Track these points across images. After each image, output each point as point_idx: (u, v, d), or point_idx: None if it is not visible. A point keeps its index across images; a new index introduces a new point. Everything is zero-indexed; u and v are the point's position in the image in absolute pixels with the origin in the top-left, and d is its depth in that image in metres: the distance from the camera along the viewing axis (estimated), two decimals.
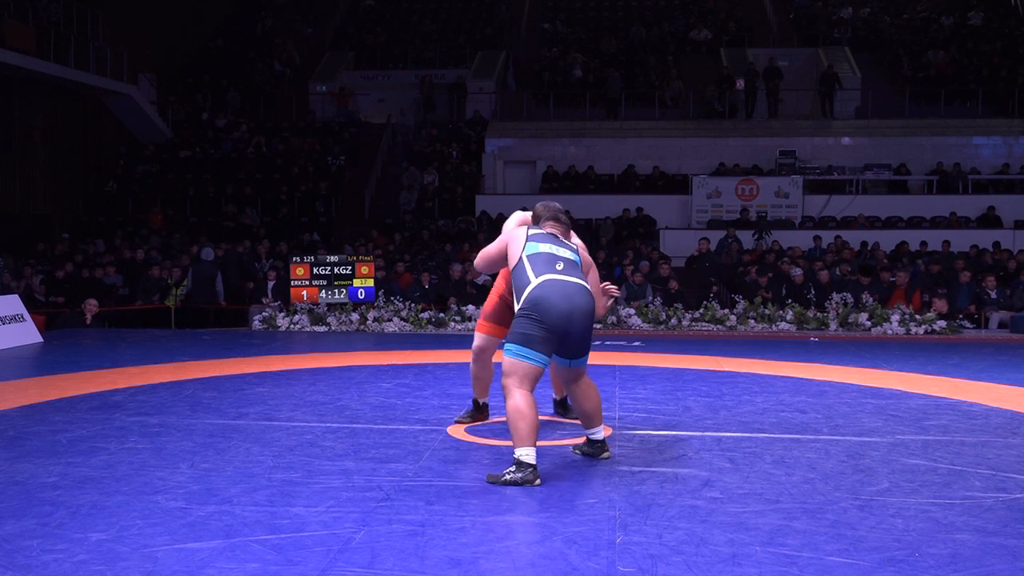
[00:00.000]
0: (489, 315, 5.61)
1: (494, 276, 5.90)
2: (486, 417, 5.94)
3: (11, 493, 4.24)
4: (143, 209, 19.74)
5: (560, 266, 4.67)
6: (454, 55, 25.26)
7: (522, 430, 4.41)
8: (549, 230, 4.91)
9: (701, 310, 12.56)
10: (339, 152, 21.50)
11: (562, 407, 6.01)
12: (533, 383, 4.54)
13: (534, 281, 4.59)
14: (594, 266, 5.06)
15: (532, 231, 4.88)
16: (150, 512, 3.94)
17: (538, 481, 4.36)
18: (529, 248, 4.76)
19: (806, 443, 5.36)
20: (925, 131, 21.21)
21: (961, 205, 19.25)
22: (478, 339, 5.61)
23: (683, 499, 4.16)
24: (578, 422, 5.80)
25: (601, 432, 4.95)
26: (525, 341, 4.51)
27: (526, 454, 4.38)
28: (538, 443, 5.00)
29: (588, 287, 4.69)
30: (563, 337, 4.57)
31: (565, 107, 22.84)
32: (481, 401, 5.88)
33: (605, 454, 4.93)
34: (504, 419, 5.97)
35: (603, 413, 5.03)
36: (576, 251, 4.86)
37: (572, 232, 5.13)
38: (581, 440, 5.16)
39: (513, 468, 4.38)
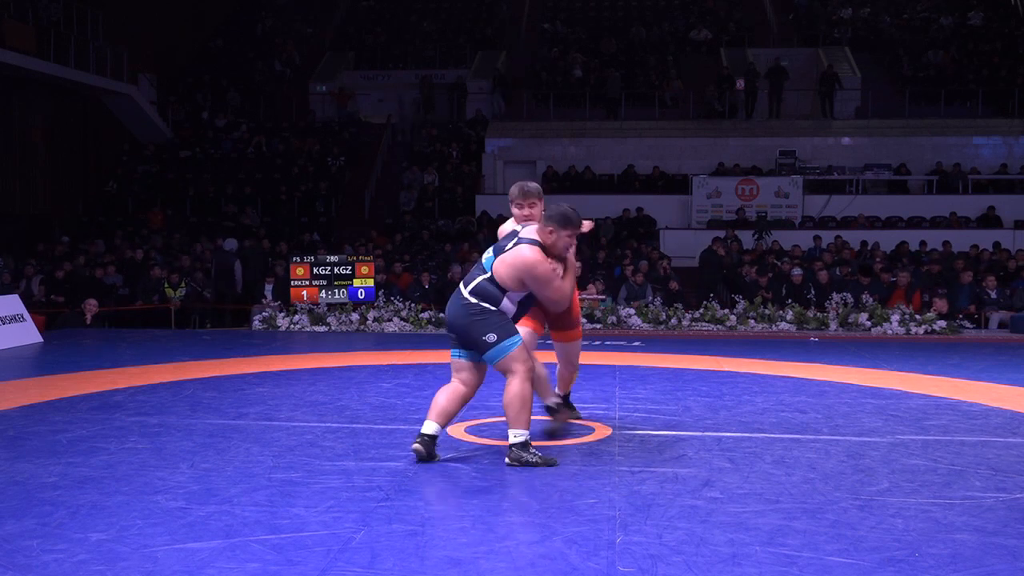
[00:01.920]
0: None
1: None
2: (574, 414, 5.87)
3: (11, 493, 4.24)
4: (143, 209, 19.74)
5: (472, 272, 4.98)
6: (454, 55, 25.26)
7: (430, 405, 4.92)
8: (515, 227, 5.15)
9: (701, 310, 12.56)
10: (339, 152, 21.50)
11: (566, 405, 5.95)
12: (455, 372, 4.96)
13: None
14: (530, 272, 4.77)
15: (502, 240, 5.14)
16: (150, 512, 3.94)
17: (416, 444, 4.77)
18: None
19: (806, 443, 5.36)
20: (925, 131, 21.21)
21: (961, 205, 19.25)
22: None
23: (683, 499, 4.16)
24: (575, 422, 5.82)
25: (512, 435, 4.75)
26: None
27: (424, 425, 4.84)
28: (541, 443, 5.07)
29: (460, 288, 4.91)
30: (457, 336, 4.90)
31: (565, 107, 22.83)
32: (562, 393, 5.85)
33: (506, 459, 4.75)
34: (504, 419, 6.00)
35: (601, 412, 5.00)
36: (502, 248, 4.89)
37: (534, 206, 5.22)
38: (570, 442, 5.29)
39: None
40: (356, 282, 12.85)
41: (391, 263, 14.99)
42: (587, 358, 7.82)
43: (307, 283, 12.80)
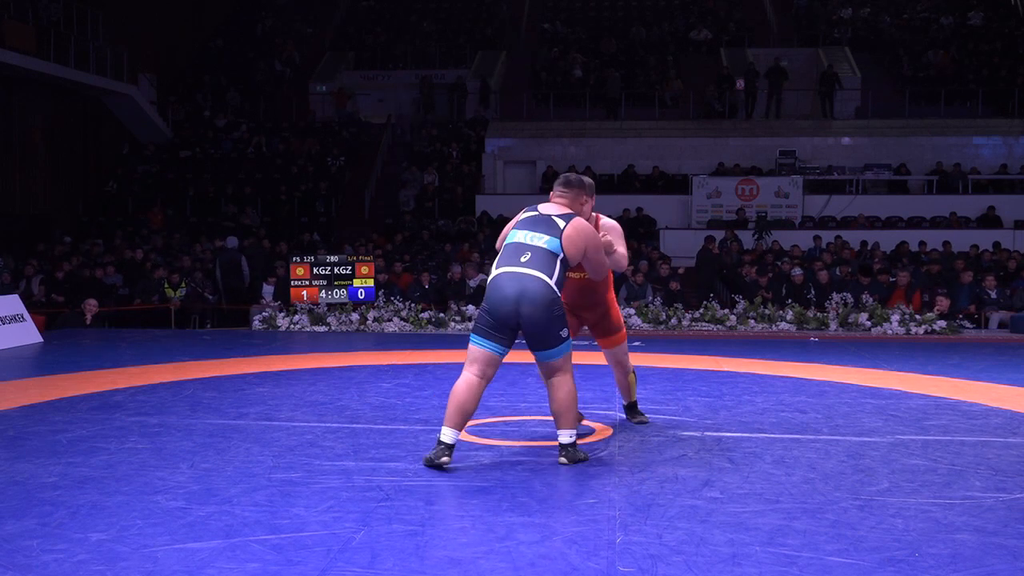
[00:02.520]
0: None
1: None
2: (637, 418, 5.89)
3: (11, 493, 4.23)
4: (143, 209, 19.74)
5: (525, 257, 4.68)
6: (454, 55, 25.26)
7: (448, 408, 4.64)
8: (550, 203, 4.99)
9: (701, 310, 12.56)
10: (339, 152, 21.50)
11: (629, 412, 5.98)
12: (481, 367, 4.67)
13: (492, 273, 4.77)
14: (593, 240, 4.83)
15: (525, 215, 4.93)
16: (150, 512, 3.94)
17: (445, 459, 4.57)
18: (509, 237, 4.87)
19: (806, 443, 5.36)
20: (925, 131, 21.21)
21: (961, 205, 19.25)
22: None
23: (683, 499, 4.16)
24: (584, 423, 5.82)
25: (567, 436, 4.75)
26: (476, 328, 4.74)
27: (443, 432, 4.63)
28: (541, 443, 5.02)
29: (546, 280, 4.60)
30: (515, 328, 4.67)
31: (565, 107, 22.84)
32: (627, 402, 5.92)
33: (562, 459, 4.73)
34: (505, 419, 6.00)
35: (601, 413, 5.00)
36: (559, 235, 4.71)
37: (586, 203, 5.07)
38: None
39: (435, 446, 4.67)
40: (356, 282, 12.85)
41: (391, 263, 14.99)
42: (588, 358, 7.81)
43: (307, 283, 12.80)
